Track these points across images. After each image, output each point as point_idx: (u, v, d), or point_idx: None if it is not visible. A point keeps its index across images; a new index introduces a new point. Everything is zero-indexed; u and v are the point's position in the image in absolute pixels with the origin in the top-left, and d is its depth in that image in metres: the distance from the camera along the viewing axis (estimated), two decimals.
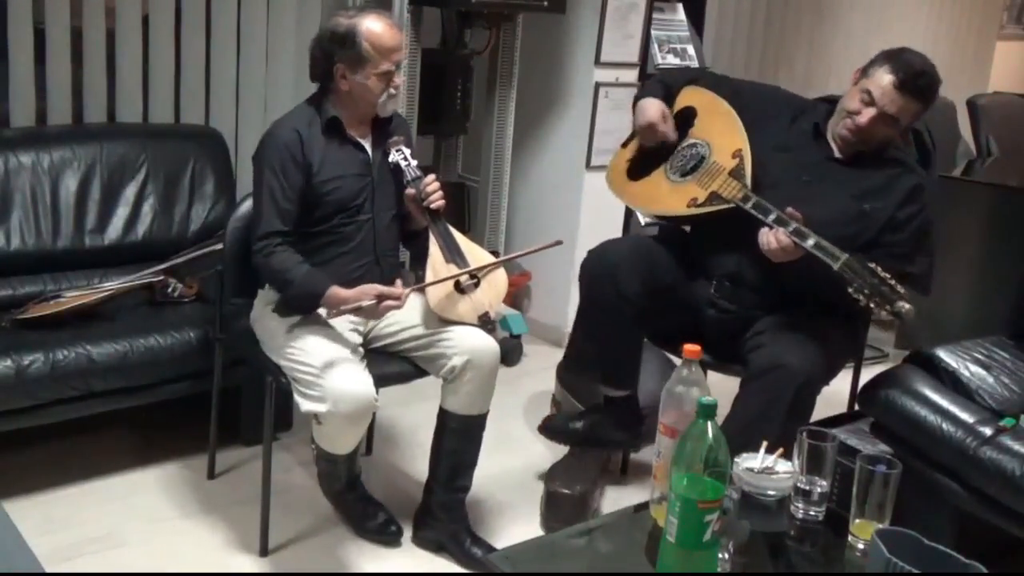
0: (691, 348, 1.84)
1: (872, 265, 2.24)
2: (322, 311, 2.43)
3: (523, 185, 4.19)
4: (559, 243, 2.72)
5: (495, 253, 3.69)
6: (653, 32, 4.12)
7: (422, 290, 2.50)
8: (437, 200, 2.56)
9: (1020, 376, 2.59)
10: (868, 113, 2.49)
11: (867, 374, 2.75)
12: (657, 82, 2.84)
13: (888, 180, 2.56)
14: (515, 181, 4.09)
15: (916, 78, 2.45)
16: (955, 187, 4.18)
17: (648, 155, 2.77)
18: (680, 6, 4.31)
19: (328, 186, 2.51)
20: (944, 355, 2.59)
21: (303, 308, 2.47)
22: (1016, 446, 2.29)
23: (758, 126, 2.64)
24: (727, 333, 2.59)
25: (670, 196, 2.67)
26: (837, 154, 2.61)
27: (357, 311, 2.38)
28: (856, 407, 2.73)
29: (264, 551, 2.56)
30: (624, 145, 2.91)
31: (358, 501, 2.68)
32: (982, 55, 7.28)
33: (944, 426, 2.40)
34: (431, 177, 2.58)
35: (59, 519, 2.64)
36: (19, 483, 2.74)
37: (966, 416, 2.40)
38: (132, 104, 3.48)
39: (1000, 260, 4.01)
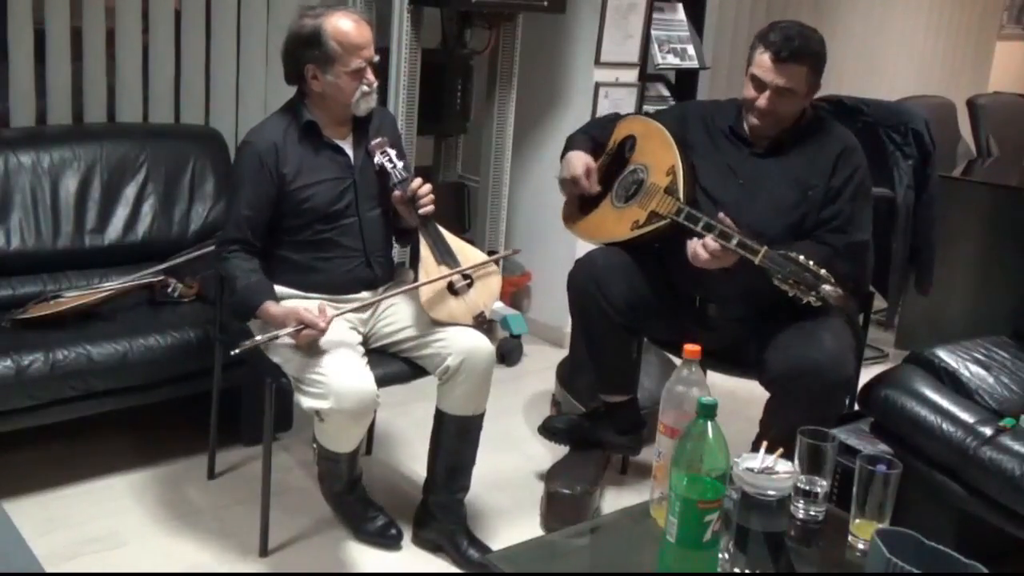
0: (691, 348, 1.84)
1: (793, 254, 2.28)
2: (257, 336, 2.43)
3: (523, 185, 4.19)
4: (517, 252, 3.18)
5: (493, 253, 3.68)
6: (653, 32, 4.12)
7: (414, 291, 2.50)
8: (429, 205, 2.53)
9: (1020, 376, 2.59)
10: (763, 96, 2.51)
11: (867, 374, 2.75)
12: (584, 135, 2.86)
13: (814, 155, 2.58)
14: (515, 181, 4.08)
15: (788, 44, 2.47)
16: (955, 187, 4.18)
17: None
18: (680, 6, 4.31)
19: (305, 192, 2.49)
20: (944, 355, 2.59)
21: (242, 316, 2.50)
22: (1016, 446, 2.29)
23: (685, 142, 2.67)
24: (728, 341, 2.59)
25: (615, 222, 2.71)
26: (759, 149, 2.63)
27: (274, 338, 2.36)
28: (856, 407, 2.73)
29: (264, 551, 2.56)
30: None
31: (358, 503, 2.68)
32: (982, 55, 7.27)
33: (944, 426, 2.40)
34: (419, 181, 2.55)
35: (59, 519, 2.64)
36: (19, 483, 2.74)
37: (966, 416, 2.40)
38: (132, 104, 3.48)
39: (1000, 260, 4.01)
